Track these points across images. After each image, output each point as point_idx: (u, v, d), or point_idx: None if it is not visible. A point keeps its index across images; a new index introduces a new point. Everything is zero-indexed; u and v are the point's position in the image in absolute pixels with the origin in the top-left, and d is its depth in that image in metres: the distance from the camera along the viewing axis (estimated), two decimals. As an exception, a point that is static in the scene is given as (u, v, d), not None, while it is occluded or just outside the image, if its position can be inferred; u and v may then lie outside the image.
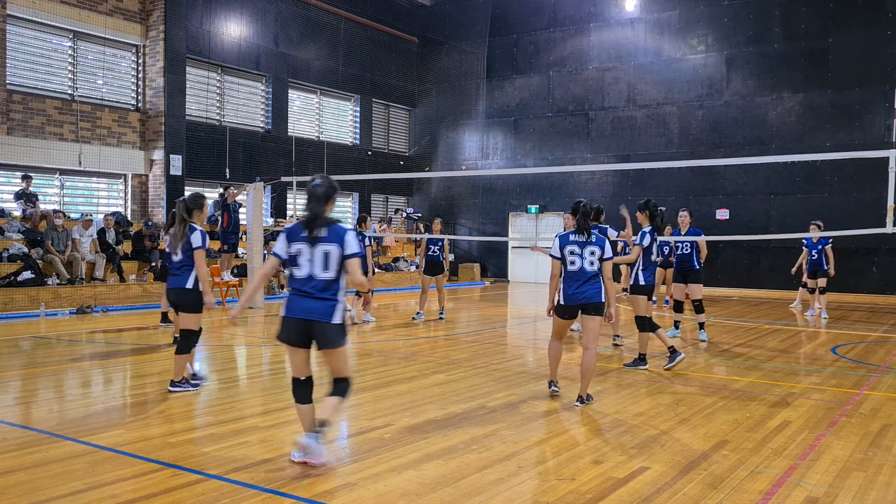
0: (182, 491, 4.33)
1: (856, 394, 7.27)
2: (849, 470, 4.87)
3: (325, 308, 4.71)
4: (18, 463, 4.83)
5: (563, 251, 6.57)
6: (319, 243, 4.74)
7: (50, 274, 14.17)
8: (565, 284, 6.58)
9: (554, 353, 6.89)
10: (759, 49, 20.09)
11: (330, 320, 4.71)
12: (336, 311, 4.74)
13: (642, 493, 4.37)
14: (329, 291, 4.74)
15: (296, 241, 4.81)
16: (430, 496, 4.29)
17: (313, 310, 4.71)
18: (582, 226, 6.55)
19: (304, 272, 4.76)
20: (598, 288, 6.51)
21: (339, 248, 4.73)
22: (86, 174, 17.06)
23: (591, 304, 6.50)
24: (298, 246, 4.79)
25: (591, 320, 6.55)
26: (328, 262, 4.73)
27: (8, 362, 8.79)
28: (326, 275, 4.74)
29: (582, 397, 6.58)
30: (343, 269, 4.78)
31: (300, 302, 4.75)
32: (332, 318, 4.71)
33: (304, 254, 4.77)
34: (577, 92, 22.98)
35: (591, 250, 6.52)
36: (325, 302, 4.72)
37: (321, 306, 4.71)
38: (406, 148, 26.48)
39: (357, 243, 4.79)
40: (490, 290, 21.37)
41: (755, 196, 20.10)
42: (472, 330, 12.32)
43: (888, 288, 18.45)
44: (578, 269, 6.51)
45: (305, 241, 4.78)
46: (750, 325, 13.02)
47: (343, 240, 4.75)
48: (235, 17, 20.04)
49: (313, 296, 4.72)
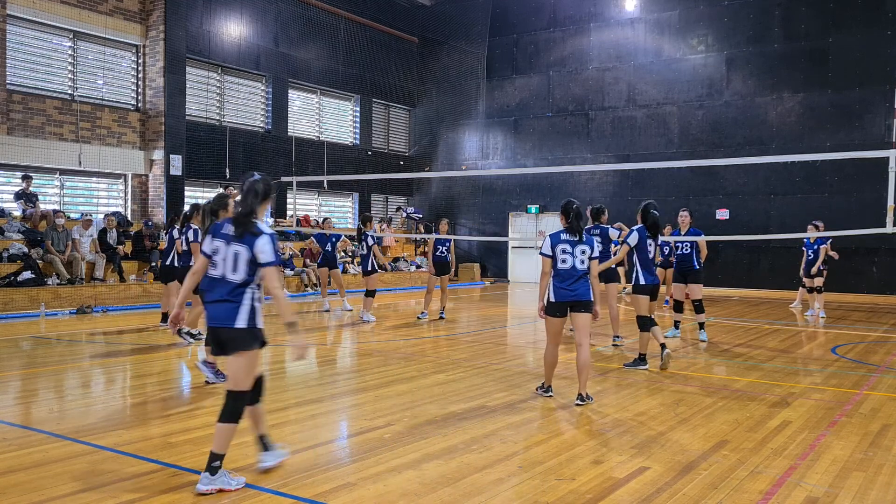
0: (182, 491, 4.33)
1: (856, 394, 7.27)
2: (849, 470, 4.87)
3: (228, 311, 4.38)
4: (18, 463, 4.83)
5: (555, 249, 6.68)
6: (233, 242, 4.43)
7: (50, 274, 14.18)
8: (556, 282, 6.68)
9: (550, 358, 6.90)
10: (759, 49, 20.10)
11: (234, 324, 4.38)
12: (240, 313, 4.38)
13: (642, 493, 4.37)
14: (235, 294, 4.40)
15: (217, 237, 4.51)
16: (430, 496, 4.29)
17: (216, 316, 4.42)
18: (575, 227, 6.67)
19: (217, 272, 4.48)
20: (587, 286, 6.69)
21: (250, 251, 4.39)
22: (86, 174, 17.06)
23: (581, 302, 6.65)
24: (217, 243, 4.50)
25: (582, 317, 6.69)
26: (237, 264, 4.41)
27: (8, 362, 8.79)
28: (235, 277, 4.41)
29: (582, 395, 6.61)
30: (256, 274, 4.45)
31: (209, 309, 4.48)
32: (236, 322, 4.38)
33: (220, 252, 4.47)
34: (577, 92, 22.98)
35: (582, 249, 6.67)
36: (230, 304, 4.39)
37: (224, 309, 4.39)
38: (406, 148, 26.48)
39: (271, 251, 4.39)
40: (490, 290, 21.37)
41: (755, 196, 20.10)
42: (472, 330, 12.32)
43: (888, 288, 18.45)
44: (570, 267, 6.64)
45: (226, 238, 4.46)
46: (750, 325, 13.02)
47: (254, 245, 4.39)
48: (235, 17, 20.04)
49: (218, 300, 4.43)
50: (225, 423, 4.37)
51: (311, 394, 7.05)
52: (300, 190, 21.17)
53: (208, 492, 4.25)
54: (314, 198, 22.95)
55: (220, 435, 4.36)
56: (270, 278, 4.40)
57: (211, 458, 4.31)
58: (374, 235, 13.45)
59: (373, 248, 13.10)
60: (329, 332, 11.94)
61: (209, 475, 4.28)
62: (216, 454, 4.31)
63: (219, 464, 4.31)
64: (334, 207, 23.91)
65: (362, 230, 13.29)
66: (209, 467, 4.30)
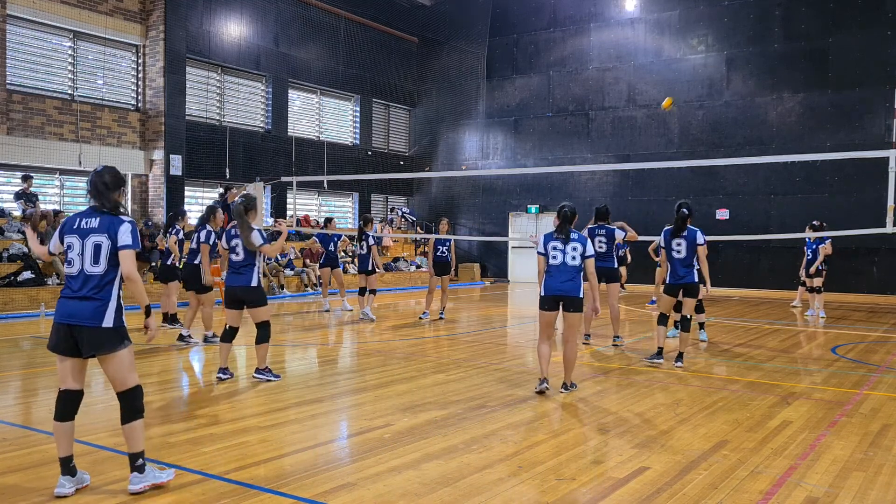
0: (182, 491, 4.33)
1: (856, 394, 7.27)
2: (849, 470, 4.87)
3: (92, 309, 4.22)
4: (18, 463, 4.83)
5: (547, 247, 7.09)
6: (90, 234, 4.30)
7: (50, 274, 14.17)
8: (547, 277, 7.07)
9: (543, 351, 7.20)
10: (759, 49, 20.09)
11: (100, 324, 4.23)
12: (107, 312, 4.24)
13: (642, 493, 4.37)
14: (98, 289, 4.26)
15: (69, 234, 4.36)
16: (430, 496, 4.29)
17: (76, 313, 4.23)
18: (560, 229, 7.05)
19: (74, 268, 4.32)
20: (577, 283, 6.99)
21: (110, 239, 4.28)
22: (86, 174, 16.91)
23: (568, 298, 6.96)
24: (70, 239, 4.35)
25: (570, 317, 7.02)
26: (98, 255, 4.27)
27: (8, 362, 8.79)
28: (96, 269, 4.27)
29: (566, 384, 7.11)
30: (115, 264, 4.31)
31: (66, 305, 4.28)
32: (103, 321, 4.23)
33: (74, 248, 4.32)
34: (578, 92, 22.98)
35: (573, 246, 7.03)
36: (92, 302, 4.24)
37: (88, 307, 4.23)
38: (406, 148, 26.47)
39: (130, 235, 4.30)
40: (490, 290, 21.36)
41: (755, 196, 20.10)
42: (472, 330, 12.32)
43: (888, 288, 18.45)
44: (560, 263, 7.01)
45: (76, 232, 4.33)
46: (750, 325, 13.02)
47: (116, 231, 4.29)
48: (235, 17, 20.04)
49: (80, 296, 4.25)
50: (133, 421, 4.34)
51: (311, 394, 7.05)
52: (300, 190, 21.17)
53: (141, 490, 4.25)
54: (314, 198, 22.95)
55: (129, 434, 4.33)
56: (126, 262, 4.30)
57: (132, 459, 4.30)
58: (375, 236, 13.52)
59: (372, 249, 13.17)
60: (329, 332, 11.93)
61: (138, 474, 4.29)
62: (134, 454, 4.30)
63: (142, 461, 4.32)
64: (334, 207, 23.91)
65: (363, 230, 13.32)
66: (134, 467, 4.29)
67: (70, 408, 4.32)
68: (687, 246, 8.54)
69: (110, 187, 4.39)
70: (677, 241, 8.58)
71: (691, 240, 8.53)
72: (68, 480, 4.23)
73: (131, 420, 4.31)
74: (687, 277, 8.53)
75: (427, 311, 13.38)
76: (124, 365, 4.30)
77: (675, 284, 8.59)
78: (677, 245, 8.57)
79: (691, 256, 8.56)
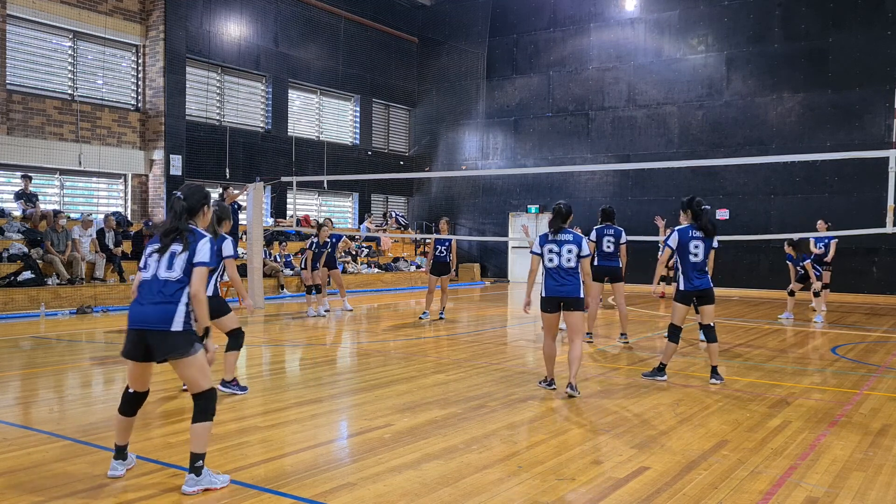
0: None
1: (856, 394, 7.27)
2: (849, 470, 4.87)
3: (162, 313, 4.28)
4: (18, 463, 4.83)
5: (543, 248, 7.09)
6: (171, 245, 4.41)
7: (50, 274, 14.17)
8: (546, 280, 7.07)
9: (548, 352, 7.23)
10: (759, 49, 20.09)
11: (169, 327, 4.28)
12: (175, 315, 4.29)
13: (642, 493, 4.37)
14: (168, 294, 4.32)
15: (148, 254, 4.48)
16: (430, 496, 4.29)
17: (147, 318, 4.30)
18: (552, 223, 7.09)
19: (148, 273, 4.41)
20: (577, 284, 6.98)
21: (186, 250, 4.37)
22: (86, 174, 17.06)
23: (570, 299, 6.96)
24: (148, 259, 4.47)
25: (571, 315, 7.03)
26: (173, 262, 4.36)
27: (8, 362, 8.79)
28: (169, 275, 4.35)
29: (572, 384, 6.92)
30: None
31: (137, 310, 4.36)
32: (172, 325, 4.28)
33: (153, 255, 4.44)
34: (577, 92, 22.98)
35: (569, 248, 6.99)
36: (162, 306, 4.30)
37: (157, 311, 4.29)
38: (406, 148, 26.48)
39: (208, 252, 4.39)
40: (490, 290, 21.36)
41: (755, 196, 20.10)
42: (472, 330, 12.32)
43: (888, 288, 18.45)
44: (556, 265, 7.00)
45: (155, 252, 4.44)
46: (750, 325, 13.02)
47: (195, 248, 4.38)
48: (235, 17, 20.04)
49: (151, 302, 4.32)
50: (202, 423, 4.38)
51: (311, 394, 7.05)
52: (300, 190, 21.17)
53: (194, 493, 4.25)
54: (314, 198, 22.95)
55: (195, 435, 4.37)
56: (195, 278, 4.39)
57: (192, 460, 4.31)
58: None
59: (337, 246, 14.78)
60: (329, 332, 11.93)
61: (194, 476, 4.29)
62: (195, 455, 4.32)
63: (201, 463, 4.32)
64: (334, 207, 23.92)
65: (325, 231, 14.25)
66: (192, 468, 4.31)
67: (135, 406, 4.62)
68: (705, 248, 7.62)
69: (185, 212, 4.52)
70: (695, 244, 7.60)
71: (708, 241, 7.66)
72: (120, 464, 4.56)
73: (198, 421, 4.39)
74: (703, 283, 7.62)
75: (427, 311, 13.39)
76: (195, 368, 4.38)
77: (690, 291, 7.62)
78: (695, 248, 7.60)
79: (706, 260, 7.69)
